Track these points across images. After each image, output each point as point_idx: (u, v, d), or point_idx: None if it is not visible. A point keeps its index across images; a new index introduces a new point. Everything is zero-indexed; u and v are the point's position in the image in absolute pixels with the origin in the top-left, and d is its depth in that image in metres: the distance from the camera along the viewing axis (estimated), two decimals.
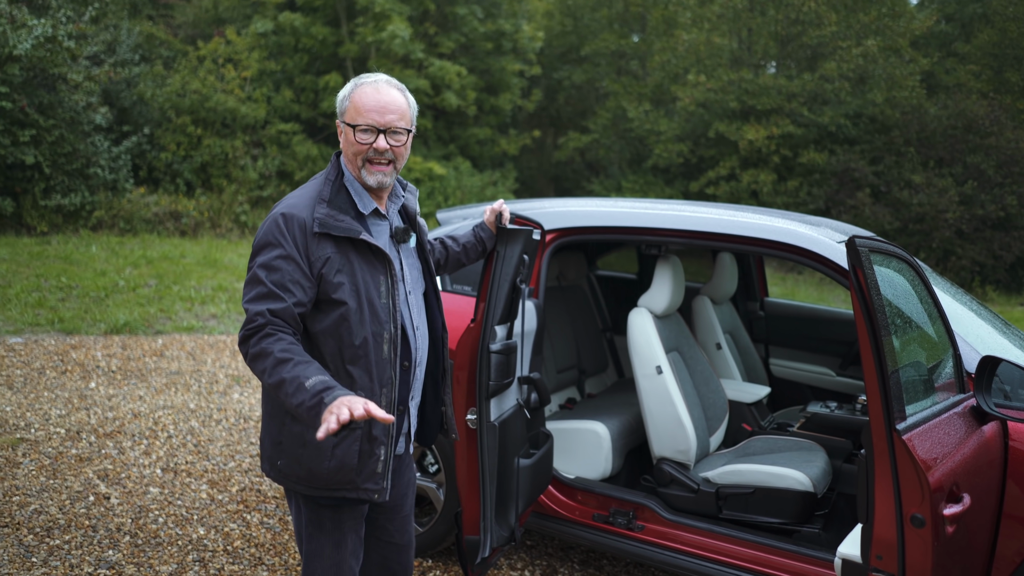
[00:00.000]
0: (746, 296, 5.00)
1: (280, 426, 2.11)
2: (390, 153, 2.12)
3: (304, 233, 2.03)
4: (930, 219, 15.30)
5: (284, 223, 2.03)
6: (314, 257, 2.03)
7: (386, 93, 2.13)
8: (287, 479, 2.12)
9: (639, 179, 18.65)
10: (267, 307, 1.96)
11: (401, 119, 2.13)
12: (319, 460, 2.05)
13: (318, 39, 16.42)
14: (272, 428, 2.14)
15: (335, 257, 2.04)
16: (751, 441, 3.69)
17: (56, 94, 11.75)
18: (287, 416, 2.09)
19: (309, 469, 2.07)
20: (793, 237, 2.98)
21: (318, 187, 2.13)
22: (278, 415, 2.12)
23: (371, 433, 2.09)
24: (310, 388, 1.83)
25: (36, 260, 9.66)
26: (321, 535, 2.18)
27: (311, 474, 2.07)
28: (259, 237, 2.06)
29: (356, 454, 2.06)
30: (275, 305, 1.97)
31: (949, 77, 18.20)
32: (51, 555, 3.40)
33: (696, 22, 18.09)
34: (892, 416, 1.93)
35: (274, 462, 2.14)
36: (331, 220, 2.05)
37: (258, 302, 1.98)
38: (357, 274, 2.06)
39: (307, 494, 2.13)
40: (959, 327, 2.79)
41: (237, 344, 2.00)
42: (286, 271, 2.00)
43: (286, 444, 2.10)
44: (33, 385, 5.54)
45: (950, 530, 1.99)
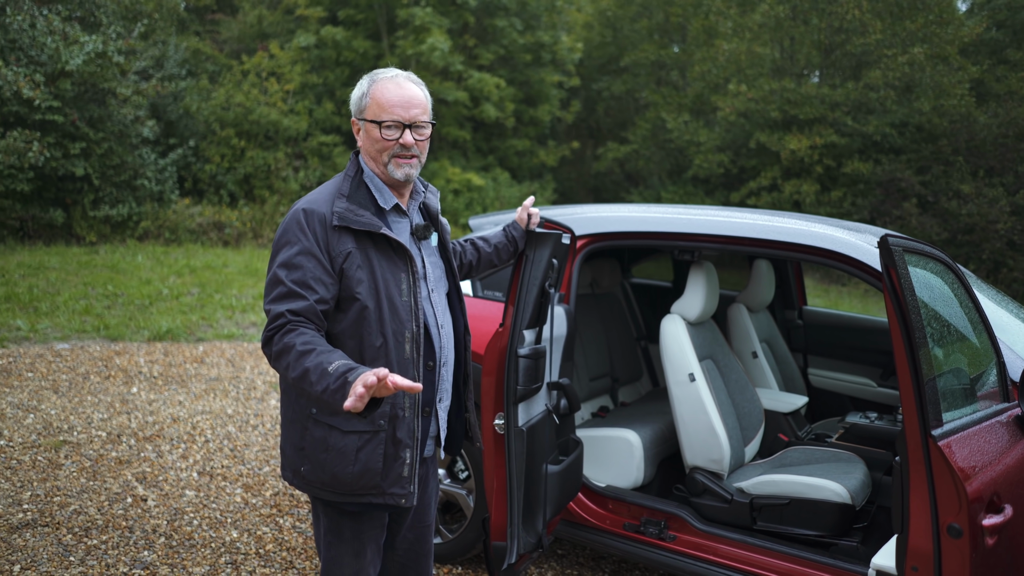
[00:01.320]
0: (784, 304, 4.90)
1: (302, 431, 2.07)
2: (416, 148, 2.11)
3: (324, 228, 2.00)
4: (980, 230, 14.88)
5: (304, 219, 2.00)
6: (335, 252, 1.99)
7: (408, 88, 2.12)
8: (311, 486, 2.08)
9: (679, 190, 18.50)
10: (288, 307, 1.92)
11: (424, 113, 2.13)
12: (343, 465, 2.01)
13: (359, 52, 16.66)
14: (293, 434, 2.10)
15: (355, 252, 2.01)
16: (787, 451, 3.60)
17: (106, 108, 12.09)
18: (309, 420, 2.05)
19: (333, 474, 2.02)
20: (829, 242, 2.90)
21: (337, 184, 2.12)
22: (299, 420, 2.08)
23: (396, 436, 2.04)
24: (333, 371, 1.77)
25: (84, 269, 9.92)
26: (340, 544, 2.15)
27: (335, 479, 2.03)
28: (279, 235, 2.03)
29: (381, 458, 2.02)
30: (297, 304, 1.93)
31: (1000, 85, 17.72)
32: (88, 554, 3.46)
33: (737, 31, 17.92)
34: (927, 421, 1.86)
35: (297, 468, 2.09)
36: (350, 214, 2.02)
37: (279, 302, 1.94)
38: (377, 271, 2.02)
39: (332, 500, 2.09)
40: (1004, 335, 2.69)
41: (261, 346, 1.97)
42: (307, 268, 1.96)
43: (309, 449, 2.05)
44: (78, 389, 5.67)
45: (990, 542, 1.91)
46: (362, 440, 2.01)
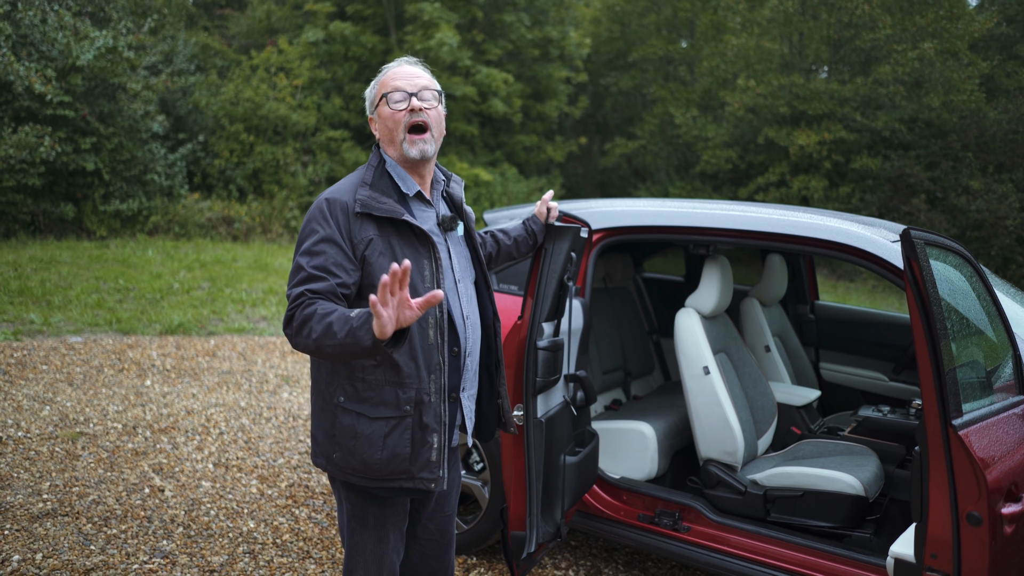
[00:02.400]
0: (796, 299, 4.92)
1: (332, 419, 2.10)
2: (424, 115, 2.11)
3: (347, 215, 2.02)
4: (989, 226, 14.84)
5: (327, 207, 2.03)
6: (357, 239, 2.01)
7: (411, 67, 2.18)
8: (342, 471, 2.11)
9: (686, 185, 18.48)
10: (307, 287, 1.95)
11: (429, 86, 2.15)
12: (372, 451, 2.04)
13: (367, 48, 16.68)
14: (324, 421, 2.13)
15: (377, 239, 2.02)
16: (800, 444, 3.62)
17: (116, 103, 12.15)
18: (338, 408, 2.08)
19: (363, 460, 2.06)
20: (846, 236, 2.91)
21: (360, 174, 2.14)
22: (329, 408, 2.11)
23: (422, 421, 2.06)
24: (356, 315, 1.81)
25: (95, 263, 9.98)
26: (364, 530, 2.18)
27: (365, 465, 2.06)
28: (304, 224, 2.07)
29: (408, 443, 2.05)
30: (316, 285, 1.95)
31: (1010, 80, 17.65)
32: (108, 543, 3.50)
33: (746, 27, 17.88)
34: (948, 411, 1.88)
35: (329, 455, 2.12)
36: (372, 201, 2.04)
37: (300, 285, 1.97)
38: (399, 258, 2.03)
39: (360, 485, 2.12)
40: (1020, 328, 2.71)
41: (283, 328, 1.99)
42: (329, 254, 1.98)
43: (339, 437, 2.08)
44: (92, 382, 5.72)
45: (1008, 530, 1.93)
46: (389, 426, 2.05)
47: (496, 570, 3.54)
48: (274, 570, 3.42)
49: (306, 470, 4.52)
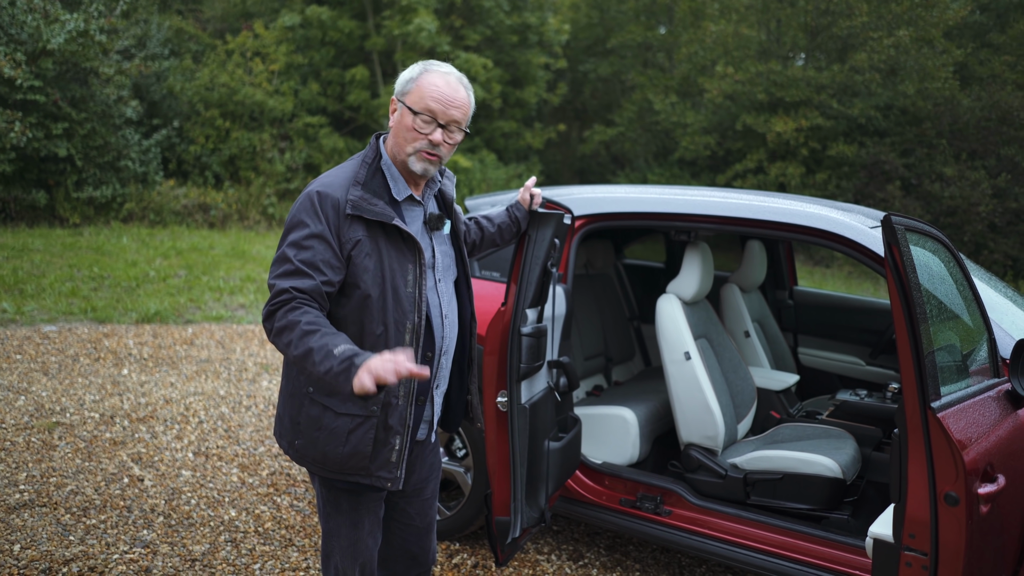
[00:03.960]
0: (775, 285, 4.97)
1: (299, 407, 2.11)
2: (441, 149, 2.10)
3: (337, 213, 2.01)
4: (962, 212, 15.06)
5: (319, 201, 2.01)
6: (345, 239, 2.01)
7: (455, 88, 2.10)
8: (303, 459, 2.14)
9: (665, 172, 18.54)
10: (293, 284, 1.94)
11: (463, 119, 2.12)
12: (333, 445, 2.06)
13: (345, 32, 16.51)
14: (291, 407, 2.14)
15: (365, 241, 2.02)
16: (779, 428, 3.67)
17: (88, 88, 11.93)
18: (305, 398, 2.09)
19: (324, 453, 2.08)
20: (825, 222, 2.95)
21: (354, 168, 2.11)
22: (297, 395, 2.12)
23: (387, 422, 2.08)
24: (339, 355, 1.81)
25: (69, 251, 9.83)
26: (339, 515, 2.20)
27: (325, 457, 2.08)
28: (292, 214, 2.04)
29: (371, 442, 2.06)
30: (302, 283, 1.95)
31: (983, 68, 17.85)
32: (88, 534, 3.47)
33: (724, 13, 17.92)
34: (927, 394, 1.92)
35: (292, 441, 2.14)
36: (364, 203, 2.02)
37: (285, 279, 1.96)
38: (384, 261, 2.04)
39: (317, 472, 2.15)
40: (994, 313, 2.76)
41: (262, 320, 1.99)
42: (317, 250, 1.98)
43: (303, 425, 2.10)
44: (68, 371, 5.65)
45: (984, 510, 1.98)
46: (354, 423, 2.06)
47: (480, 555, 3.56)
48: (256, 558, 3.41)
49: (287, 458, 4.50)
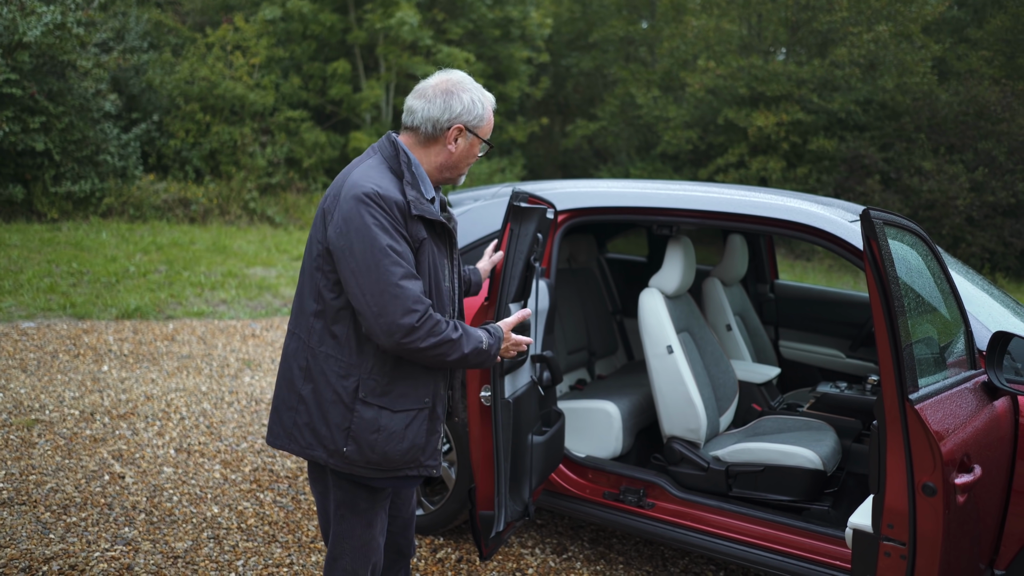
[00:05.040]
0: (756, 278, 5.00)
1: (348, 413, 2.07)
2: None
3: (404, 215, 2.04)
4: (940, 206, 15.22)
5: (385, 203, 2.01)
6: (412, 236, 2.06)
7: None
8: (353, 465, 2.10)
9: (647, 166, 18.59)
10: (419, 288, 2.01)
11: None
12: (394, 443, 2.09)
13: (326, 26, 16.39)
14: (335, 415, 2.09)
15: (427, 241, 2.09)
16: (761, 421, 3.70)
17: (65, 81, 11.77)
18: (356, 402, 2.07)
19: (383, 453, 2.08)
20: (805, 216, 2.97)
21: (391, 169, 2.12)
22: (341, 401, 2.08)
23: (435, 411, 2.17)
24: (487, 347, 2.13)
25: (47, 246, 9.72)
26: (354, 516, 2.20)
27: (385, 458, 2.09)
28: (364, 213, 2.00)
29: (425, 433, 2.14)
30: (417, 285, 2.02)
31: (961, 63, 18.04)
32: (68, 532, 3.44)
33: (705, 8, 17.98)
34: (905, 386, 1.94)
35: (337, 449, 2.09)
36: (422, 204, 2.08)
37: (410, 280, 2.00)
38: (433, 258, 2.11)
39: (365, 475, 2.13)
40: (971, 305, 2.79)
41: (396, 331, 1.97)
42: (406, 251, 2.03)
43: (356, 430, 2.07)
44: (47, 368, 5.59)
45: (961, 500, 2.01)
46: (410, 417, 2.12)
47: (464, 549, 3.56)
48: (239, 554, 3.40)
49: (270, 454, 4.49)
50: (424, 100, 2.14)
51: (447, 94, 2.13)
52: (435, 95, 2.14)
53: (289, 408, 2.16)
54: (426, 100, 2.14)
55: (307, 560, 3.39)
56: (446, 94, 2.13)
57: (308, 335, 2.11)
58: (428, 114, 2.13)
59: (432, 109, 2.13)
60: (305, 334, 2.12)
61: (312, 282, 2.10)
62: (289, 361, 2.17)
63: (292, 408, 2.15)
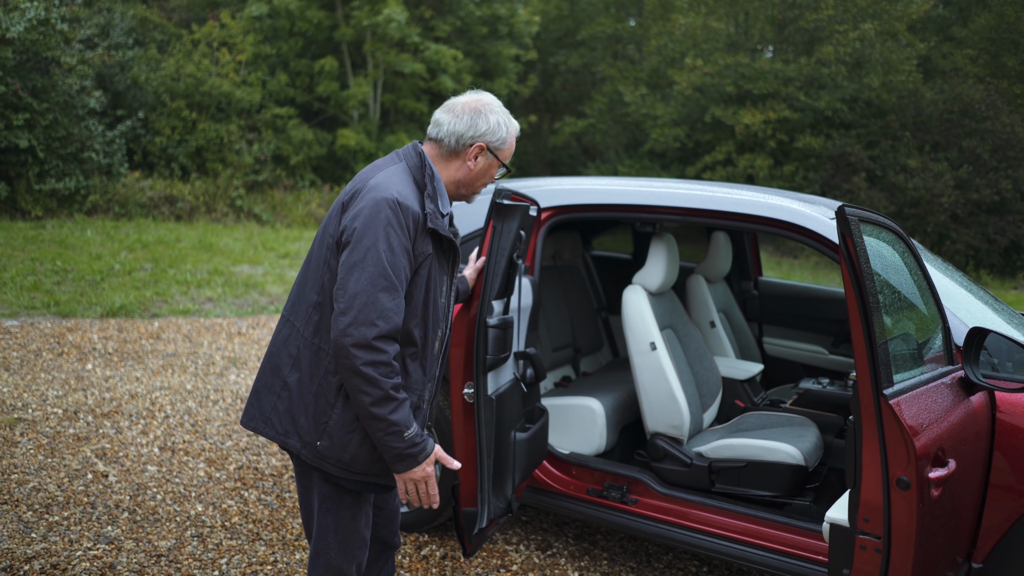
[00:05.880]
0: (740, 275, 5.03)
1: (327, 407, 2.08)
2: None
3: (416, 227, 2.04)
4: (925, 203, 15.33)
5: (401, 213, 2.02)
6: (418, 251, 2.06)
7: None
8: (324, 460, 2.10)
9: (635, 164, 18.64)
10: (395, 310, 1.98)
11: None
12: (367, 447, 2.08)
13: (313, 23, 16.33)
14: (315, 408, 2.10)
15: (433, 256, 2.09)
16: (744, 417, 3.72)
17: (50, 78, 11.69)
18: (339, 399, 2.07)
19: (354, 455, 2.08)
20: (786, 213, 2.99)
21: (416, 177, 2.13)
22: (325, 395, 2.08)
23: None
24: (408, 438, 2.01)
25: (31, 244, 9.65)
26: (339, 509, 2.20)
27: (354, 460, 2.09)
28: (376, 215, 2.01)
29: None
30: (396, 316, 1.99)
31: (946, 61, 18.18)
32: (50, 531, 3.43)
33: (693, 6, 18.03)
34: (879, 381, 1.96)
35: (311, 442, 2.10)
36: (438, 219, 2.09)
37: (389, 295, 1.97)
38: (434, 273, 2.11)
39: (334, 474, 2.13)
40: (949, 301, 2.82)
41: (351, 343, 1.94)
42: (402, 265, 2.01)
43: (332, 427, 2.08)
44: (30, 367, 5.56)
45: (935, 493, 2.03)
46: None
47: (448, 546, 3.57)
48: (223, 553, 3.39)
49: (255, 452, 4.48)
50: (452, 115, 2.18)
51: (475, 112, 2.18)
52: (463, 112, 2.18)
53: (271, 392, 2.17)
54: (454, 115, 2.18)
55: (291, 558, 3.39)
56: (474, 112, 2.18)
57: (304, 325, 2.12)
58: (453, 128, 2.17)
59: (458, 124, 2.17)
60: (301, 323, 2.13)
61: (318, 274, 2.11)
62: (279, 347, 2.18)
63: (274, 393, 2.16)
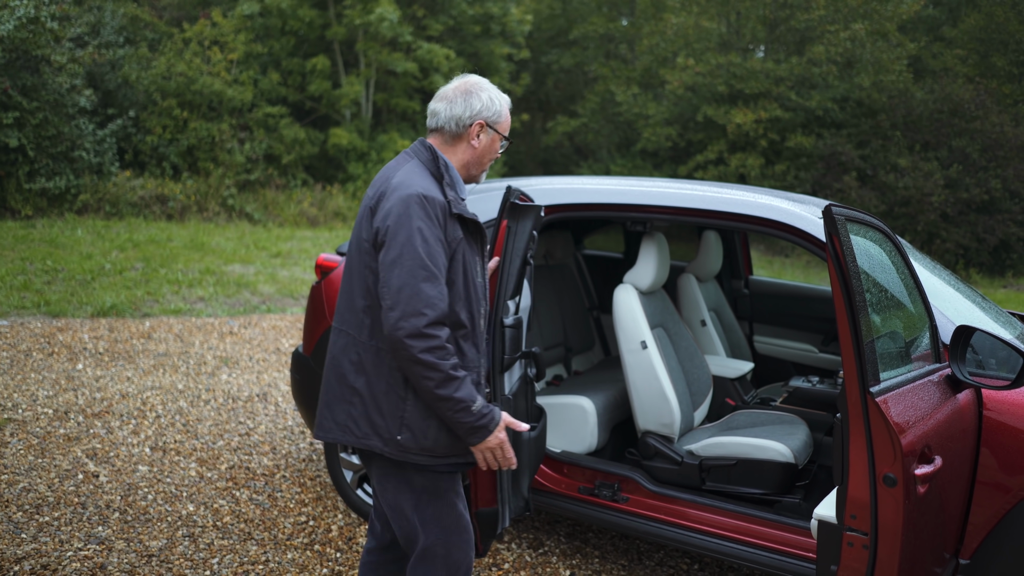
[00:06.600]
0: (731, 274, 5.05)
1: (400, 401, 2.16)
2: None
3: (444, 215, 2.13)
4: (915, 202, 15.41)
5: (428, 205, 2.10)
6: (450, 238, 2.15)
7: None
8: (407, 452, 2.18)
9: (628, 163, 18.67)
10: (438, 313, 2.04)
11: None
12: (445, 429, 2.17)
13: (305, 21, 16.30)
14: (388, 405, 2.18)
15: (464, 240, 2.18)
16: (734, 415, 3.74)
17: (39, 76, 11.63)
18: (409, 391, 2.15)
19: (436, 439, 2.16)
20: (775, 212, 3.00)
21: (432, 171, 2.22)
22: (394, 390, 2.17)
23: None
24: (476, 411, 2.10)
25: (21, 243, 9.60)
26: (439, 499, 2.27)
27: (437, 443, 2.17)
28: (406, 211, 2.09)
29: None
30: (443, 303, 2.06)
31: (936, 61, 18.27)
32: (41, 531, 3.42)
33: (685, 5, 18.07)
34: (866, 379, 1.98)
35: (391, 437, 2.17)
36: (459, 204, 2.18)
37: (430, 283, 2.04)
38: (466, 256, 2.19)
39: (419, 462, 2.20)
40: (936, 300, 2.84)
41: (404, 334, 2.02)
42: (439, 254, 2.09)
43: (409, 419, 2.16)
44: (20, 367, 5.54)
45: (921, 490, 2.05)
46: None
47: None
48: (214, 552, 3.39)
49: (246, 452, 4.47)
50: (446, 101, 2.28)
51: (467, 94, 2.28)
52: (455, 96, 2.28)
53: (341, 401, 2.24)
54: (448, 101, 2.28)
55: (283, 557, 3.39)
56: (466, 94, 2.28)
57: (358, 331, 2.20)
58: (451, 113, 2.27)
59: (454, 108, 2.27)
60: (355, 330, 2.21)
61: (361, 279, 2.20)
62: (338, 357, 2.25)
63: (345, 401, 2.23)
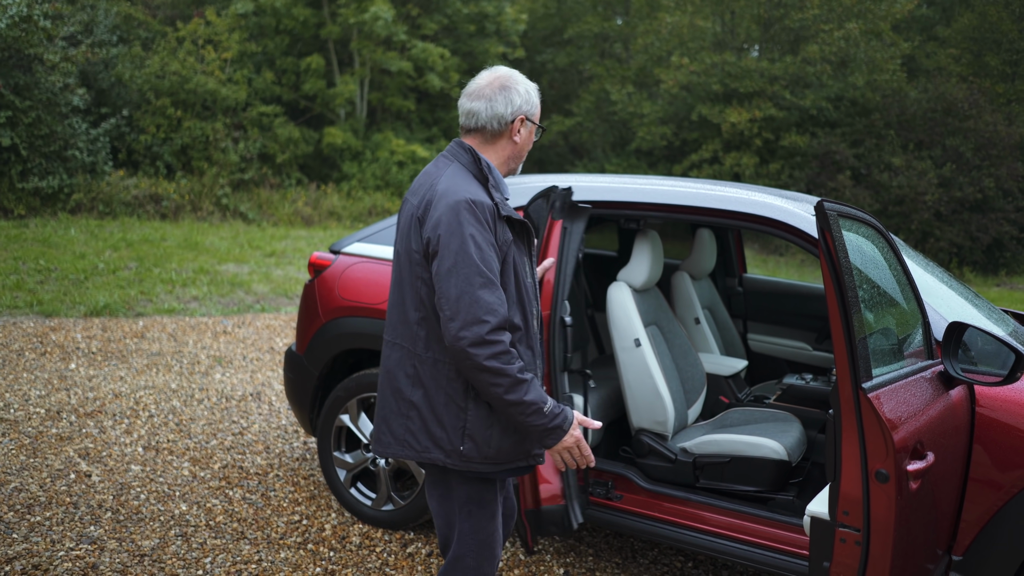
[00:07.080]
0: (725, 272, 5.05)
1: (460, 412, 2.14)
2: None
3: (494, 218, 2.10)
4: (909, 201, 15.45)
5: (477, 210, 2.07)
6: (500, 240, 2.11)
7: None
8: (470, 462, 2.15)
9: (622, 162, 18.69)
10: (498, 302, 2.02)
11: None
12: (507, 435, 2.14)
13: (299, 20, 16.28)
14: (448, 416, 2.15)
15: (514, 242, 2.15)
16: (728, 413, 3.74)
17: (32, 75, 11.59)
18: (469, 400, 2.13)
19: (499, 447, 2.14)
20: (767, 209, 3.01)
21: (474, 173, 2.18)
22: (455, 402, 2.14)
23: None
24: (549, 413, 2.07)
25: (14, 243, 9.57)
26: (481, 511, 2.24)
27: (500, 451, 2.15)
28: (456, 219, 2.06)
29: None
30: (502, 308, 2.03)
31: (929, 61, 18.32)
32: (32, 531, 3.40)
33: (679, 4, 18.08)
34: (858, 375, 1.98)
35: (454, 448, 2.15)
36: (506, 205, 2.15)
37: (487, 289, 2.01)
38: (516, 258, 2.16)
39: (482, 471, 2.17)
40: (929, 296, 2.84)
41: (463, 337, 1.99)
42: (491, 259, 2.06)
43: (471, 428, 2.13)
44: (12, 366, 5.51)
45: (914, 486, 2.05)
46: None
47: (433, 544, 3.57)
48: (207, 552, 3.38)
49: (240, 451, 4.46)
50: (484, 100, 2.22)
51: (504, 89, 2.22)
52: (494, 93, 2.22)
53: (399, 415, 2.21)
54: (486, 100, 2.21)
55: (276, 556, 3.38)
56: (504, 89, 2.22)
57: (413, 343, 2.17)
58: (493, 112, 2.21)
59: (496, 106, 2.21)
60: (409, 343, 2.18)
61: (413, 291, 2.17)
62: (394, 371, 2.22)
63: (403, 415, 2.20)
